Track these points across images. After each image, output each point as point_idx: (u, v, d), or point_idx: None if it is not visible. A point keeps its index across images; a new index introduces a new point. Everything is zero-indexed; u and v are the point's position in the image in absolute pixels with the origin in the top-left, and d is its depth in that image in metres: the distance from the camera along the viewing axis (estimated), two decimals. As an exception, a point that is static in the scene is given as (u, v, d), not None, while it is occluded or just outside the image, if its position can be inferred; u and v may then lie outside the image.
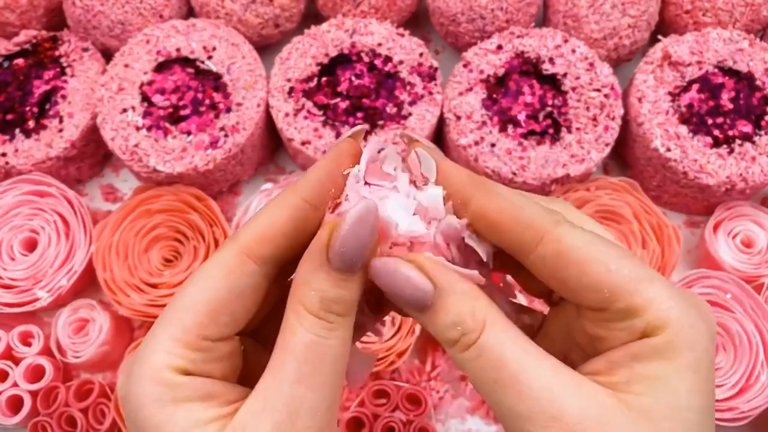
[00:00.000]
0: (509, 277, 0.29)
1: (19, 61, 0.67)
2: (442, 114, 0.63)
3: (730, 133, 0.61)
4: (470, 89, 0.63)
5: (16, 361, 0.60)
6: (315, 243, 0.24)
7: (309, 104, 0.62)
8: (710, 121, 0.61)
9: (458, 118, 0.62)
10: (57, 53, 0.67)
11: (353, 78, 0.63)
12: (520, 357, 0.23)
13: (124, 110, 0.62)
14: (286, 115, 0.62)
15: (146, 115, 0.62)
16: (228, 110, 0.62)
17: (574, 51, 0.63)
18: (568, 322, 0.27)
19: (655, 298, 0.23)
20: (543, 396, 0.22)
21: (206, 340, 0.24)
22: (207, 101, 0.62)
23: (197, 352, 0.24)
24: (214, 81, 0.63)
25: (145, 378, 0.23)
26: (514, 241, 0.25)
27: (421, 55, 0.64)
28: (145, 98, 0.63)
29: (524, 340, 0.24)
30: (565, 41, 0.64)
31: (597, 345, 0.25)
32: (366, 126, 0.51)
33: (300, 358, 0.23)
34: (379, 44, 0.64)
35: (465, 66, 0.64)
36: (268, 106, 0.63)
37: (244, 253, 0.25)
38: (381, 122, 0.61)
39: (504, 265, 0.27)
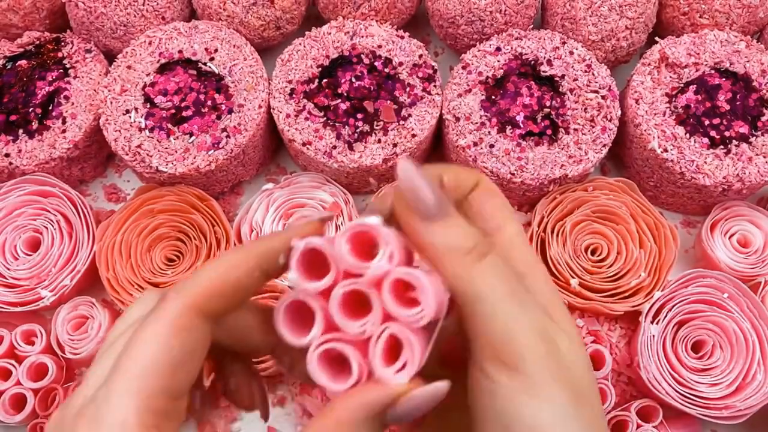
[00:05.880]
0: None
1: (23, 62, 0.68)
2: (441, 115, 0.63)
3: (727, 134, 0.61)
4: (469, 91, 0.63)
5: (20, 360, 0.60)
6: (366, 399, 0.24)
7: (310, 105, 0.63)
8: (707, 122, 0.61)
9: (457, 119, 0.62)
10: (60, 55, 0.68)
11: (353, 79, 0.63)
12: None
13: (127, 111, 0.63)
14: (287, 116, 0.62)
15: (149, 116, 0.62)
16: (230, 111, 0.62)
17: (571, 53, 0.64)
18: None
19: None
20: None
21: (170, 400, 0.25)
22: (209, 102, 0.63)
23: (162, 414, 0.24)
24: (216, 82, 0.64)
25: None
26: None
27: (420, 56, 0.64)
28: (148, 99, 0.63)
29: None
30: (563, 43, 0.64)
31: None
32: (335, 213, 0.52)
33: None
34: (379, 46, 0.65)
35: (464, 68, 0.64)
36: (269, 108, 0.64)
37: (193, 309, 0.25)
38: (380, 124, 0.62)
39: None
